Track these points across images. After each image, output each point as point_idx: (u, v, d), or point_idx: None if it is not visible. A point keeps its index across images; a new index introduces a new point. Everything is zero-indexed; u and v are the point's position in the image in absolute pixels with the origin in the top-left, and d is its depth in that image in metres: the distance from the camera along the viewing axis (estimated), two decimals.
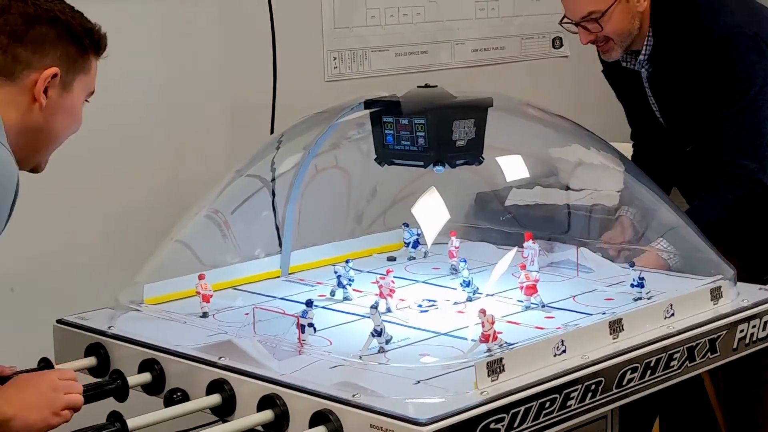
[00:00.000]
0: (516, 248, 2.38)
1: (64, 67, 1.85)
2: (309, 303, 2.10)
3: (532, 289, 2.23)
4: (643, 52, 2.71)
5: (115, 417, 1.80)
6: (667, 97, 2.74)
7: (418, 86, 2.33)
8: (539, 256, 2.47)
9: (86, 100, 1.95)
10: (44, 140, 1.89)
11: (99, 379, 2.08)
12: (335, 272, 2.39)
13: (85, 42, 1.88)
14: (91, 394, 1.96)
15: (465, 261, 2.39)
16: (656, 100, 2.76)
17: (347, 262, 2.41)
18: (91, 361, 2.15)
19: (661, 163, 2.87)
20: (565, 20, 2.74)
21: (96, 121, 2.90)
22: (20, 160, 1.84)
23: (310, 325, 2.04)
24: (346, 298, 2.36)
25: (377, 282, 2.28)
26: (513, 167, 2.42)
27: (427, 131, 2.23)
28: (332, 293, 2.38)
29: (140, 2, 3.00)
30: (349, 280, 2.38)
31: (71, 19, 1.87)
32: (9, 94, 1.82)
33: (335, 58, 3.46)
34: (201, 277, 2.29)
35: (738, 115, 2.61)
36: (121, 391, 2.01)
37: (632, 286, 2.27)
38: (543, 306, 2.23)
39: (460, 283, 2.32)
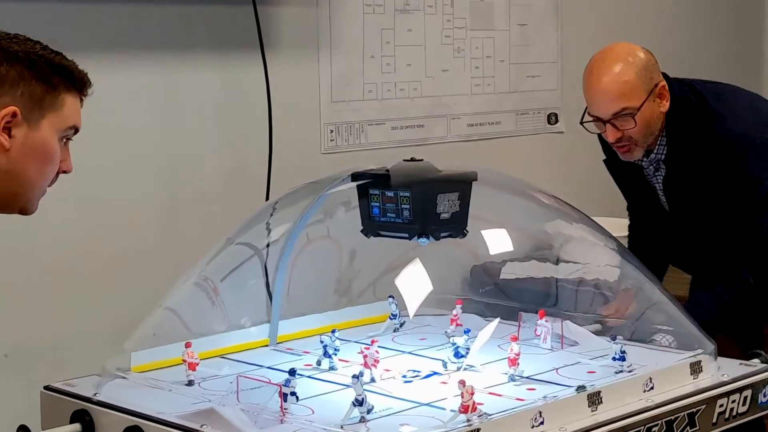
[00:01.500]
0: (498, 319, 2.40)
1: (26, 106, 1.83)
2: (292, 372, 2.12)
3: (513, 362, 2.25)
4: (655, 151, 2.77)
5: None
6: (679, 197, 2.81)
7: (405, 160, 2.38)
8: (552, 334, 2.50)
9: (70, 139, 1.93)
10: (18, 185, 1.87)
11: None
12: (321, 342, 2.41)
13: (53, 80, 1.86)
14: None
15: (468, 331, 2.40)
16: (667, 199, 2.83)
17: (333, 332, 2.44)
18: (75, 427, 2.17)
19: (658, 241, 2.93)
20: (587, 118, 2.76)
21: (93, 187, 2.98)
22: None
23: (293, 393, 2.07)
24: (331, 368, 2.38)
25: (362, 352, 2.31)
26: (498, 241, 2.45)
27: (412, 204, 2.28)
28: (318, 363, 2.40)
29: (142, 71, 3.07)
30: (335, 349, 2.40)
31: (37, 58, 1.85)
32: None
33: (332, 131, 3.52)
34: (188, 345, 2.31)
35: (743, 217, 2.70)
36: None
37: (614, 359, 2.29)
38: (521, 378, 2.24)
39: (454, 354, 2.34)
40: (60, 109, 1.89)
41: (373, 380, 2.25)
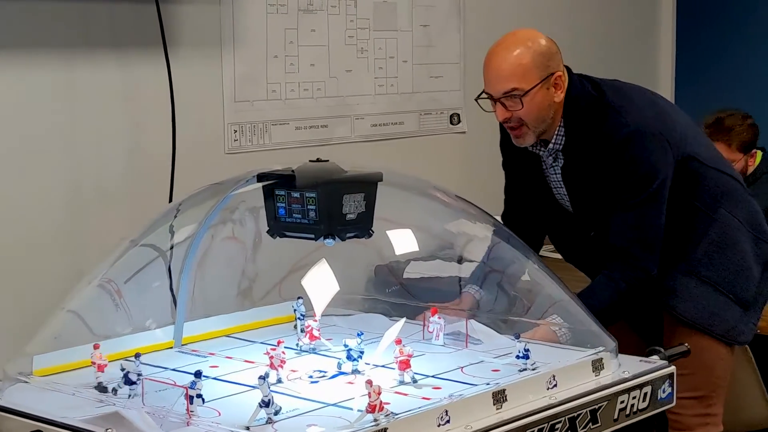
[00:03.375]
0: (404, 319, 2.42)
1: None
2: (198, 374, 2.11)
3: (405, 364, 2.26)
4: (553, 141, 2.82)
5: None
6: (578, 187, 2.85)
7: (310, 160, 2.38)
8: (444, 331, 2.52)
9: None
10: None
11: None
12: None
13: None
14: None
15: (361, 334, 2.41)
16: (567, 189, 2.87)
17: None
18: None
19: (533, 229, 2.99)
20: (483, 96, 2.81)
21: None
22: None
23: (199, 396, 2.05)
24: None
25: (268, 353, 2.30)
26: (403, 241, 2.47)
27: (318, 204, 2.28)
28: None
29: (46, 68, 3.02)
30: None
31: None
32: None
33: (235, 131, 3.51)
34: (96, 347, 2.29)
35: (639, 206, 2.74)
36: None
37: (518, 357, 2.32)
38: (415, 381, 2.24)
39: (347, 356, 2.35)
40: None
41: (280, 381, 2.25)
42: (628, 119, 2.77)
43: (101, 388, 2.20)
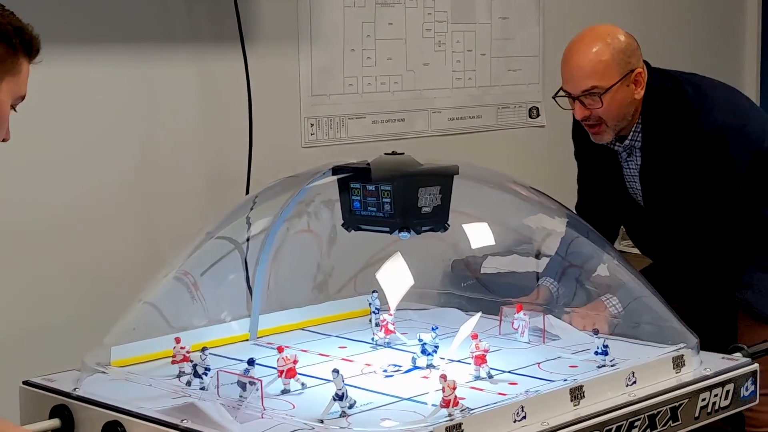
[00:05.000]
0: (480, 314, 2.39)
1: None
2: (251, 362, 2.12)
3: (481, 359, 2.23)
4: (630, 138, 2.78)
5: None
6: (654, 184, 2.82)
7: (386, 153, 2.36)
8: (532, 328, 2.49)
9: (14, 108, 1.82)
10: None
11: None
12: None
13: (14, 41, 1.76)
14: None
15: (435, 328, 2.39)
16: (642, 186, 2.83)
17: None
18: (55, 422, 2.15)
19: (607, 221, 2.96)
20: (561, 94, 2.78)
21: (71, 180, 2.96)
22: None
23: (252, 383, 2.05)
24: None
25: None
26: (479, 234, 2.44)
27: (393, 198, 2.26)
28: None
29: (121, 65, 3.04)
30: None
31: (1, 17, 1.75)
32: None
33: (312, 125, 3.51)
34: (177, 341, 2.32)
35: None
36: None
37: (596, 353, 2.29)
38: (491, 377, 2.22)
39: (421, 351, 2.33)
40: (18, 74, 1.79)
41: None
42: (708, 117, 2.74)
43: (185, 381, 2.22)
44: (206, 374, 2.20)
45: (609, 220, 2.98)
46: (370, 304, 2.66)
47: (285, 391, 2.15)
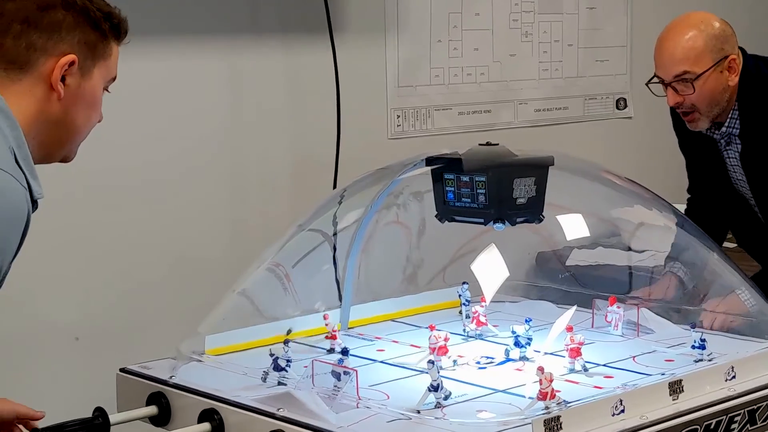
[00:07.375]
0: (575, 307, 2.36)
1: (82, 53, 1.76)
2: (345, 351, 2.12)
3: (576, 352, 2.21)
4: (726, 125, 2.75)
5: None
6: (759, 173, 2.77)
7: (480, 144, 2.35)
8: (625, 321, 2.46)
9: (107, 89, 1.85)
10: (66, 132, 1.79)
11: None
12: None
13: (104, 26, 1.79)
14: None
15: (529, 320, 2.36)
16: (747, 175, 2.80)
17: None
18: (152, 410, 2.18)
19: (717, 221, 2.89)
20: (654, 80, 2.76)
21: (161, 172, 2.99)
22: (44, 155, 1.77)
23: (346, 373, 2.05)
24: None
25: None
26: (573, 226, 2.42)
27: (487, 188, 2.25)
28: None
29: (210, 56, 3.07)
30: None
31: (88, 2, 1.78)
32: (25, 85, 1.73)
33: (399, 116, 3.50)
34: (325, 317, 2.39)
35: None
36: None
37: (693, 347, 2.25)
38: (586, 370, 2.20)
39: (514, 343, 2.31)
40: (108, 58, 1.81)
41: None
42: None
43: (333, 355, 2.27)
44: (288, 367, 2.17)
45: (717, 218, 2.93)
46: (460, 295, 2.64)
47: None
